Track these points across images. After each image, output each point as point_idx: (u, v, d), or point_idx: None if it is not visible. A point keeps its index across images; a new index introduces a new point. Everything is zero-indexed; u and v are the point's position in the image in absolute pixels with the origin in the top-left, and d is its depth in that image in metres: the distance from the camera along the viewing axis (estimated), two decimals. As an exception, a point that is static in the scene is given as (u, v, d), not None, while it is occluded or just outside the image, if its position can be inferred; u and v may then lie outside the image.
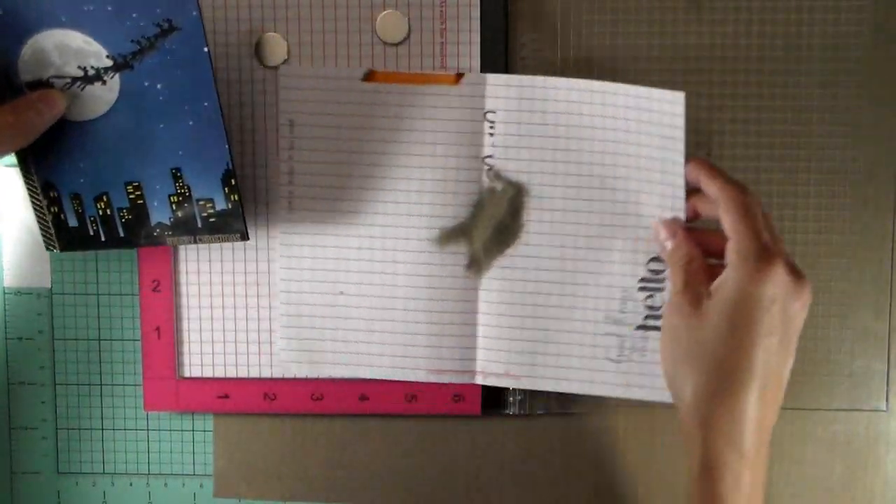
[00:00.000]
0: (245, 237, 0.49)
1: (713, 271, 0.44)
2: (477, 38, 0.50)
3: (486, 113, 0.49)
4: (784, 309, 0.42)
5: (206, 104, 0.47)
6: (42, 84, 0.47)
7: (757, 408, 0.41)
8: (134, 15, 0.46)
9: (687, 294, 0.44)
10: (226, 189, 0.48)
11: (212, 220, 0.49)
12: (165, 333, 0.52)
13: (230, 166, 0.48)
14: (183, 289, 0.52)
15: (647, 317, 0.48)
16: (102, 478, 0.54)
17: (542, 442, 0.52)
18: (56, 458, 0.54)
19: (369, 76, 0.49)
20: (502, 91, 0.49)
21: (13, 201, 0.52)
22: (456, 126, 0.49)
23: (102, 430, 0.54)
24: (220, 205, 0.49)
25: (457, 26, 0.50)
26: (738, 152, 0.50)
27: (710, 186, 0.45)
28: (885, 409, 0.51)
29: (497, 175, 0.49)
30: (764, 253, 0.42)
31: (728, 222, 0.43)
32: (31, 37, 0.47)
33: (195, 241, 0.49)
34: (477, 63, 0.50)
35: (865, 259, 0.51)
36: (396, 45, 0.50)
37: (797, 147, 0.51)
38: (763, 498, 0.42)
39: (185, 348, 0.52)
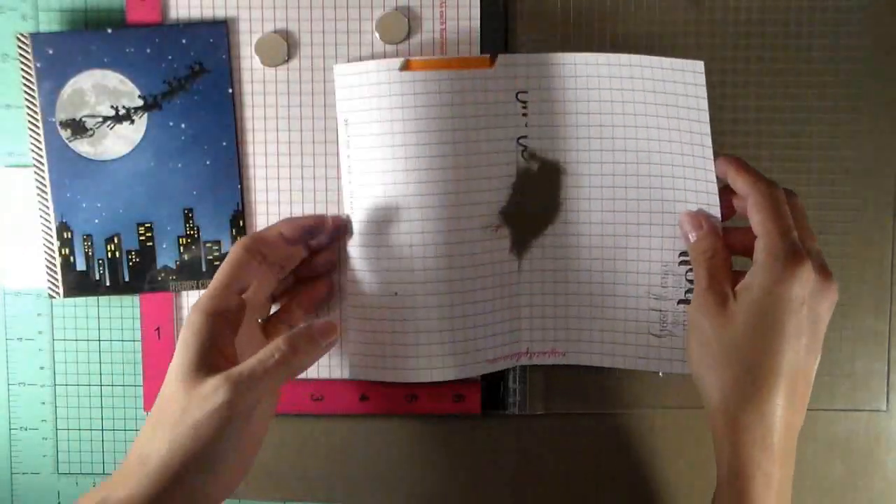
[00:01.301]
0: None
1: (736, 271, 0.44)
2: (477, 38, 0.50)
3: (517, 94, 0.49)
4: (812, 309, 0.42)
5: (224, 143, 0.49)
6: (75, 124, 0.48)
7: (785, 409, 0.41)
8: (169, 57, 0.49)
9: (712, 292, 0.43)
10: (233, 231, 0.50)
11: (217, 263, 0.50)
12: (165, 333, 0.52)
13: (240, 207, 0.50)
14: (183, 289, 0.52)
15: (687, 291, 0.48)
16: (102, 478, 0.54)
17: (542, 442, 0.52)
18: (56, 458, 0.54)
19: (406, 65, 0.48)
20: (534, 70, 0.48)
21: (13, 201, 0.52)
22: (492, 109, 0.49)
23: (102, 430, 0.54)
24: (227, 247, 0.50)
25: (456, 27, 0.50)
26: (738, 152, 0.50)
27: (739, 182, 0.44)
28: (885, 409, 0.51)
29: (532, 155, 0.49)
30: (792, 252, 0.41)
31: (757, 220, 0.43)
32: (74, 76, 0.49)
33: (197, 287, 0.50)
34: (477, 63, 0.50)
35: (865, 259, 0.51)
36: (396, 45, 0.50)
37: (797, 147, 0.51)
38: (790, 497, 0.42)
39: (185, 348, 0.52)
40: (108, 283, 0.51)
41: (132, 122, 0.49)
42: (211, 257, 0.50)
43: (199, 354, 0.41)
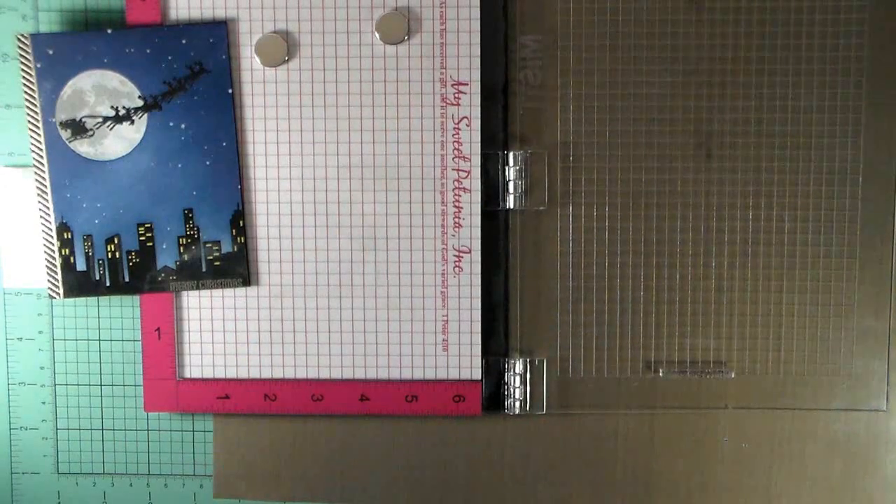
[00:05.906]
0: (247, 282, 0.50)
1: None
2: (477, 38, 0.50)
3: None
4: None
5: (224, 144, 0.49)
6: (75, 124, 0.49)
7: None
8: (169, 58, 0.49)
9: None
10: (233, 231, 0.50)
11: (217, 263, 0.50)
12: (165, 334, 0.52)
13: (240, 207, 0.50)
14: (183, 289, 0.52)
15: None
16: (102, 478, 0.54)
17: (542, 442, 0.52)
18: (56, 458, 0.54)
19: None
20: None
21: (13, 201, 0.52)
22: None
23: (102, 430, 0.54)
24: (227, 247, 0.50)
25: (457, 27, 0.50)
26: (738, 152, 0.50)
27: None
28: (884, 409, 0.51)
29: None
30: None
31: None
32: (74, 77, 0.49)
33: (197, 287, 0.50)
34: (477, 63, 0.50)
35: (865, 259, 0.51)
36: (396, 45, 0.50)
37: (797, 147, 0.51)
38: None
39: (186, 349, 0.52)
40: (108, 284, 0.51)
41: (132, 122, 0.49)
42: (211, 257, 0.50)
43: None
